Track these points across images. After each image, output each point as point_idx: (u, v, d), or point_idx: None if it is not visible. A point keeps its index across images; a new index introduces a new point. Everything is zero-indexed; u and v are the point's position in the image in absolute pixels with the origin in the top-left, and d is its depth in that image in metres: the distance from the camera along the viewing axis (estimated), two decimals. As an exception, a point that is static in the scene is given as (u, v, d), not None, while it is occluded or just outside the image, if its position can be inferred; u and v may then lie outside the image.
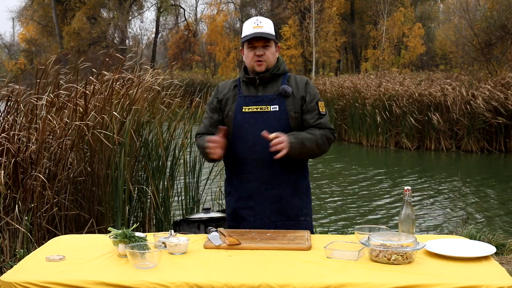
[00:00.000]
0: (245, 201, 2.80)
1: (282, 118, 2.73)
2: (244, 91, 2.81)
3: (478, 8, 24.05)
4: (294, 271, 2.05)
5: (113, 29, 39.49)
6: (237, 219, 2.83)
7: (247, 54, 2.79)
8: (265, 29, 2.76)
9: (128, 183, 4.47)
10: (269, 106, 2.74)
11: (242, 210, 2.81)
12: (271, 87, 2.79)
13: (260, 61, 2.76)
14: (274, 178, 2.74)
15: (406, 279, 1.94)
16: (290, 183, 2.77)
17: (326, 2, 32.93)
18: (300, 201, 2.81)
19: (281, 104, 2.74)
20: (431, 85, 14.40)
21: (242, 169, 2.78)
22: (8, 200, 4.11)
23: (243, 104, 2.77)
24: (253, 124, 2.74)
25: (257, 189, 2.76)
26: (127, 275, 2.02)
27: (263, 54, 2.76)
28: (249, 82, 2.81)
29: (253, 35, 2.74)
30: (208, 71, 38.74)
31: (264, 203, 2.76)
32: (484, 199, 8.70)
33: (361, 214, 7.73)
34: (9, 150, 4.11)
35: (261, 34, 2.74)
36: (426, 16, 39.29)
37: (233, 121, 2.78)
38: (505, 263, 4.62)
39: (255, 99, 2.77)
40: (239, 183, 2.81)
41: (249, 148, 2.74)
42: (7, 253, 4.00)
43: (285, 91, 2.75)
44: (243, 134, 2.75)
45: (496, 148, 13.20)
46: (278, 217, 2.75)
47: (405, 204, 2.33)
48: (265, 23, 2.78)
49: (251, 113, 2.75)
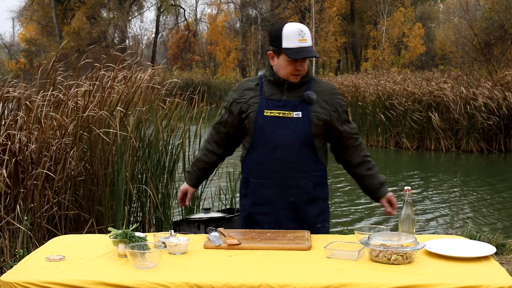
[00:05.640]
0: (261, 206, 2.73)
1: (304, 125, 2.65)
2: (266, 91, 2.71)
3: (478, 8, 24.03)
4: (294, 271, 2.04)
5: (113, 29, 39.49)
6: (253, 224, 2.77)
7: (284, 65, 2.65)
8: (308, 42, 2.63)
9: (128, 183, 4.47)
10: (292, 112, 2.65)
11: (259, 216, 2.74)
12: (296, 91, 2.69)
13: (298, 75, 2.67)
14: (292, 185, 2.67)
15: (406, 279, 1.94)
16: (308, 190, 2.70)
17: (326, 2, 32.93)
18: (318, 208, 2.74)
19: (305, 111, 2.65)
20: (428, 84, 14.40)
21: (259, 174, 2.71)
22: (9, 200, 4.11)
23: (265, 107, 2.68)
24: (274, 129, 2.65)
25: (273, 195, 2.69)
26: (127, 275, 2.02)
27: (302, 68, 2.66)
28: (277, 83, 2.71)
29: (301, 54, 2.61)
30: (208, 71, 38.74)
31: (281, 210, 2.69)
32: (484, 199, 8.70)
33: (361, 214, 7.72)
34: (10, 149, 4.11)
35: (310, 54, 2.64)
36: (426, 16, 39.29)
37: (254, 123, 2.69)
38: (505, 263, 4.62)
39: (278, 103, 2.68)
40: (256, 187, 2.74)
41: (268, 153, 2.67)
42: (7, 253, 4.00)
43: (310, 98, 2.65)
44: (263, 138, 2.68)
45: (496, 148, 13.19)
46: (294, 224, 2.68)
47: (405, 204, 2.32)
48: (307, 34, 2.63)
49: (273, 117, 2.66)
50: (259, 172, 2.72)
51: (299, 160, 2.66)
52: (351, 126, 2.77)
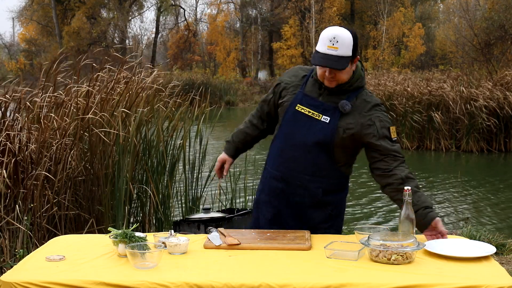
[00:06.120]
0: (267, 195, 2.74)
1: (328, 131, 2.56)
2: (307, 87, 2.66)
3: (478, 8, 24.04)
4: (294, 271, 2.05)
5: (113, 29, 39.50)
6: (259, 210, 2.78)
7: (317, 68, 2.59)
8: (340, 51, 2.46)
9: (128, 183, 4.47)
10: (321, 115, 2.58)
11: (263, 203, 2.75)
12: (335, 97, 2.60)
13: (332, 80, 2.56)
14: (299, 186, 2.64)
15: (406, 279, 1.94)
16: (316, 195, 2.64)
17: (326, 2, 32.96)
18: (323, 214, 2.67)
19: (334, 118, 2.56)
20: (428, 84, 14.40)
21: (274, 165, 2.71)
22: (9, 200, 4.11)
23: (299, 101, 2.63)
24: (300, 126, 2.62)
25: (280, 189, 2.68)
26: (127, 275, 2.02)
27: (334, 76, 2.54)
28: (318, 83, 2.63)
29: (321, 61, 2.50)
30: (208, 71, 38.75)
31: (283, 206, 2.69)
32: (484, 199, 8.70)
33: (361, 214, 7.72)
34: (10, 149, 4.11)
35: (326, 63, 2.49)
36: (426, 16, 39.32)
37: (284, 114, 2.67)
38: (505, 263, 4.61)
39: (313, 102, 2.61)
40: (268, 175, 2.74)
41: (286, 148, 2.65)
42: (7, 253, 4.00)
43: (343, 108, 2.55)
44: (286, 130, 2.65)
45: (496, 148, 13.18)
46: (295, 223, 2.65)
47: (405, 204, 2.32)
48: (342, 41, 2.46)
49: (303, 114, 2.61)
50: (274, 163, 2.72)
51: (313, 163, 2.61)
52: (392, 144, 2.56)
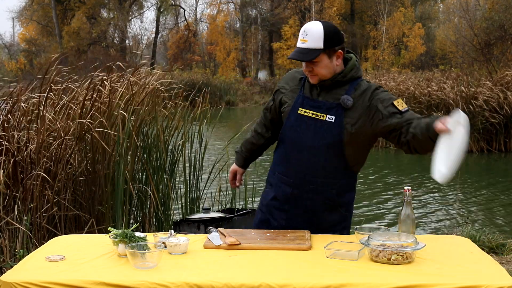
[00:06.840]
0: (279, 202, 2.69)
1: (335, 131, 2.51)
2: (306, 89, 2.62)
3: (478, 8, 24.04)
4: (294, 271, 2.04)
5: (113, 29, 39.51)
6: (268, 215, 2.74)
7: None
8: (309, 44, 2.46)
9: (128, 183, 4.47)
10: (325, 114, 2.53)
11: (275, 209, 2.71)
12: (334, 93, 2.55)
13: (311, 75, 2.54)
14: (310, 190, 2.59)
15: (406, 279, 1.94)
16: (330, 197, 2.60)
17: (326, 2, 32.95)
18: (338, 216, 2.65)
19: (339, 116, 2.51)
20: (429, 84, 14.39)
21: (283, 170, 2.66)
22: (8, 199, 4.11)
23: (300, 105, 2.59)
24: (304, 129, 2.56)
25: (292, 194, 2.64)
26: (127, 275, 2.02)
27: (311, 70, 2.52)
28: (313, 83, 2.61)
29: (292, 55, 2.51)
30: (208, 71, 38.76)
31: (298, 211, 2.64)
32: (484, 199, 8.70)
33: (361, 214, 7.73)
34: (8, 149, 4.11)
35: (294, 56, 2.51)
36: (426, 16, 39.33)
37: (287, 119, 2.63)
38: (505, 263, 4.61)
39: (314, 103, 2.57)
40: (279, 181, 2.69)
41: (293, 152, 2.61)
42: (7, 253, 4.00)
43: (345, 103, 2.50)
44: (292, 135, 2.61)
45: (496, 148, 13.18)
46: (310, 227, 2.59)
47: (405, 204, 2.32)
48: (311, 34, 2.46)
49: (306, 117, 2.57)
50: (282, 168, 2.68)
51: (323, 166, 2.56)
52: (402, 116, 2.48)
